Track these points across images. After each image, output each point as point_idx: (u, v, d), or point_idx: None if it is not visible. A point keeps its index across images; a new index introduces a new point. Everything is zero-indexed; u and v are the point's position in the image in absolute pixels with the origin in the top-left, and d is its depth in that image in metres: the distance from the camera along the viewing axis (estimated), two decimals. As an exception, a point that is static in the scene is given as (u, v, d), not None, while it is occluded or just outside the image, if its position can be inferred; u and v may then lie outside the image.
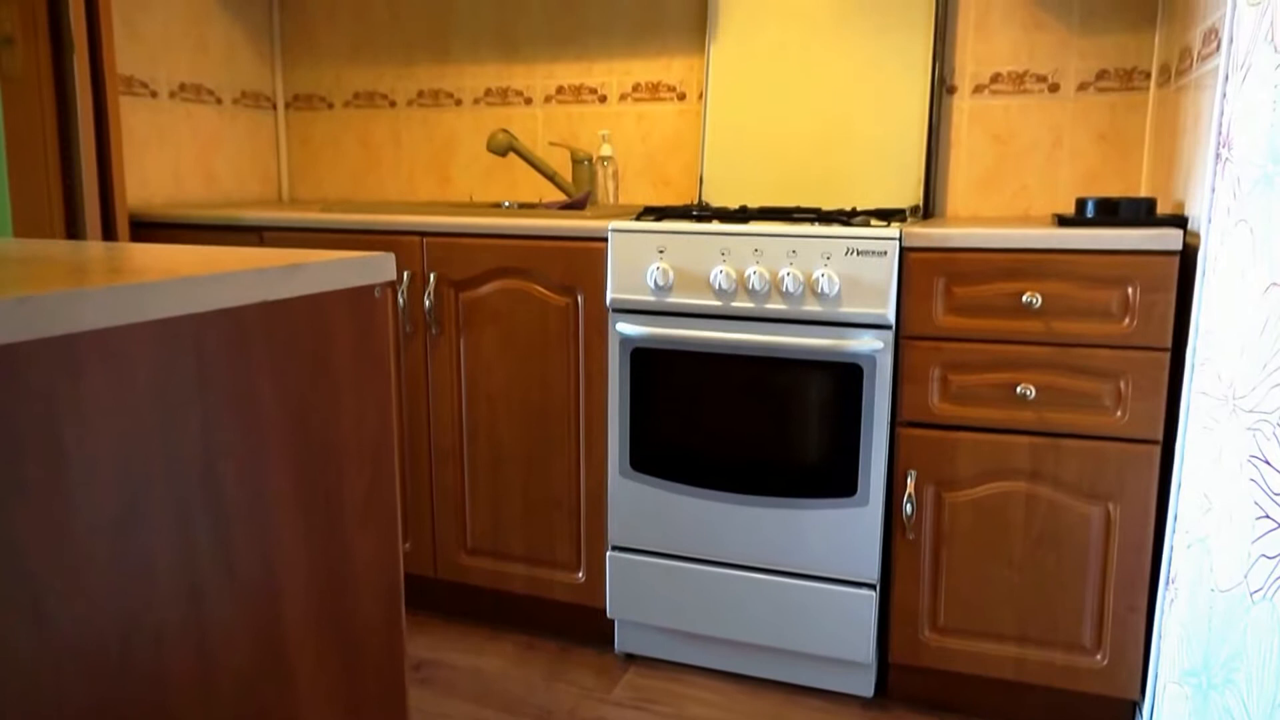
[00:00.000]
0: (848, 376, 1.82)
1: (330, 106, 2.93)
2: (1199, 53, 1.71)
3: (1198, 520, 1.47)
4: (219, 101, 2.77)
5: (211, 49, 2.74)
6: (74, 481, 0.74)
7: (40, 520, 0.71)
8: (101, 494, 0.76)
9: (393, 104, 2.85)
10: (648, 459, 1.99)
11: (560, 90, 2.65)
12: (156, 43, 2.56)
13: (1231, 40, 1.48)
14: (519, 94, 2.70)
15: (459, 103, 2.77)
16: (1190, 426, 1.55)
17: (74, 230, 2.31)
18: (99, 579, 0.77)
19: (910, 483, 1.82)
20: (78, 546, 0.74)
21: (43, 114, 2.26)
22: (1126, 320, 1.66)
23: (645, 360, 1.96)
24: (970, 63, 2.26)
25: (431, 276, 2.12)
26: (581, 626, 2.23)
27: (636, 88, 2.57)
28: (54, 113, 2.27)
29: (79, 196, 2.29)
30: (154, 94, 2.56)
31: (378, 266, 1.10)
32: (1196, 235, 1.59)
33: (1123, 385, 1.67)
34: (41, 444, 0.71)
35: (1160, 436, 1.67)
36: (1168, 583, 1.63)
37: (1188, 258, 1.64)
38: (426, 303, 2.13)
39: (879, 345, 1.77)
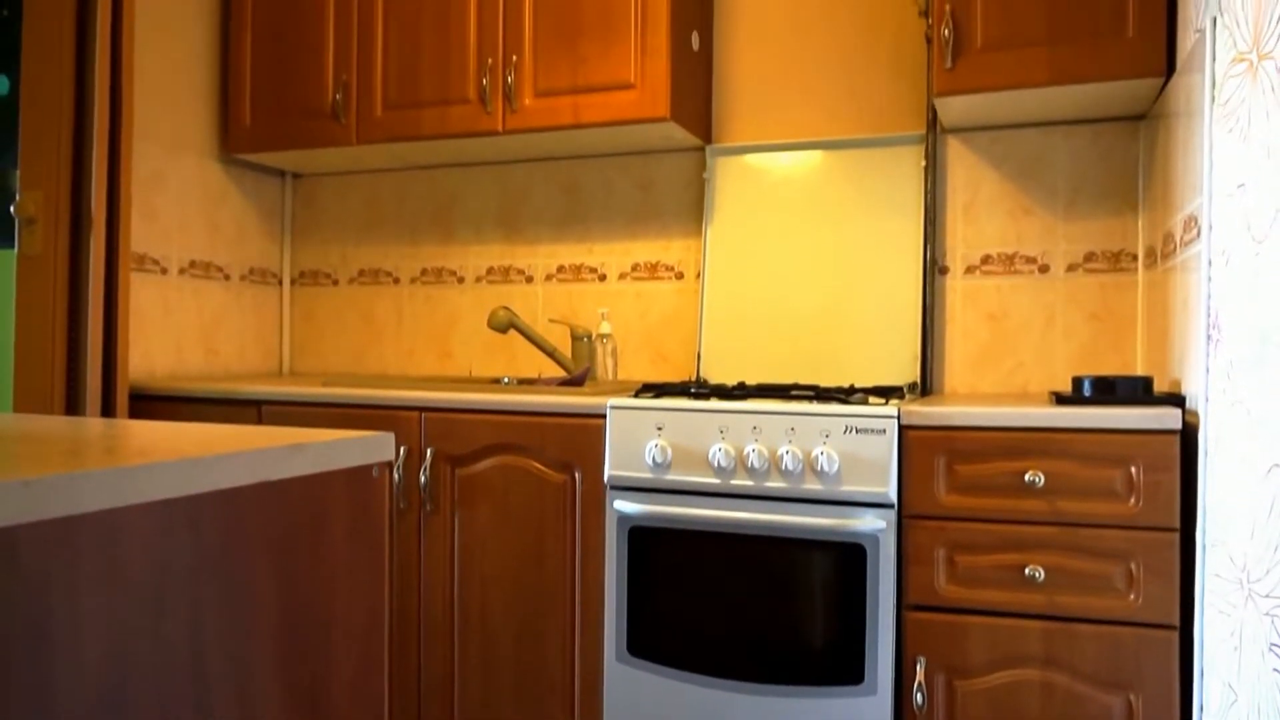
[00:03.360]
0: (851, 557, 1.78)
1: (335, 283, 3.00)
2: (1181, 238, 1.77)
3: (1224, 713, 1.41)
4: (226, 278, 2.84)
5: (223, 228, 2.83)
6: (60, 668, 0.70)
7: (24, 707, 0.67)
8: (86, 680, 0.73)
9: (396, 281, 2.92)
10: (646, 643, 1.92)
11: (561, 269, 2.72)
12: (171, 222, 2.65)
13: (1211, 227, 1.53)
14: (520, 272, 2.77)
15: (461, 280, 2.84)
16: (1207, 611, 1.51)
17: (73, 402, 2.31)
18: (66, 782, 0.71)
19: (920, 670, 1.75)
20: (49, 744, 0.70)
21: (55, 290, 2.30)
22: (1132, 500, 1.64)
23: (643, 539, 1.92)
24: (960, 245, 2.34)
25: (428, 452, 2.11)
26: (575, 826, 2.09)
27: (635, 267, 2.64)
28: (66, 289, 2.32)
29: (82, 370, 2.30)
30: (164, 270, 2.63)
31: (377, 446, 1.09)
32: (1195, 414, 1.59)
33: (1133, 567, 1.63)
34: (31, 629, 0.68)
35: (1177, 621, 1.62)
36: (1197, 781, 1.54)
37: (1189, 436, 1.63)
38: (422, 479, 2.11)
39: (881, 525, 1.75)
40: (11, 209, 2.32)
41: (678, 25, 2.31)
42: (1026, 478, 1.68)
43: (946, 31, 1.99)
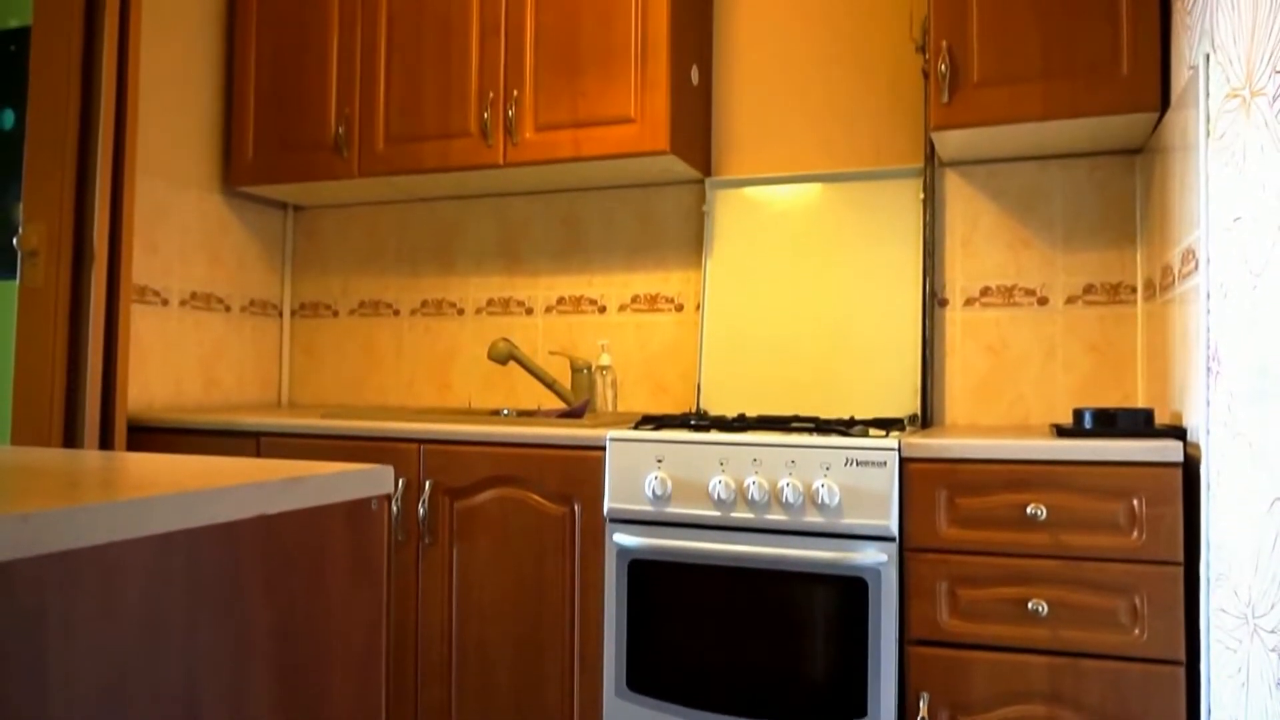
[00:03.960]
0: (852, 591, 1.76)
1: (335, 314, 3.00)
2: (1179, 271, 1.77)
3: (1230, 749, 1.39)
4: (227, 309, 2.84)
5: (225, 260, 2.84)
6: (55, 703, 0.69)
7: (8, 751, 0.66)
8: (81, 715, 0.72)
9: (396, 312, 2.92)
10: (646, 678, 1.90)
11: (561, 301, 2.73)
12: (172, 254, 2.66)
13: (1208, 260, 1.54)
14: (520, 304, 2.77)
15: (461, 312, 2.84)
16: (1212, 647, 1.50)
17: (71, 434, 2.31)
18: (57, 823, 0.70)
19: (923, 706, 1.73)
20: (39, 785, 0.69)
21: (55, 322, 2.31)
22: (1135, 533, 1.63)
23: (643, 573, 1.91)
24: (960, 276, 2.34)
25: (427, 484, 2.10)
26: None
27: (635, 299, 2.64)
28: (66, 321, 2.32)
29: (81, 401, 2.30)
30: (165, 302, 2.63)
31: (375, 479, 1.09)
32: (1197, 446, 1.59)
33: (1138, 601, 1.62)
34: (26, 665, 0.67)
35: (1183, 657, 1.60)
36: (1205, 819, 1.52)
37: (1191, 469, 1.63)
38: (421, 511, 2.10)
39: (883, 558, 1.73)
40: (14, 241, 2.33)
41: (677, 60, 2.33)
42: (1028, 510, 1.68)
43: (943, 67, 2.01)
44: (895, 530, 1.75)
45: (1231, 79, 1.42)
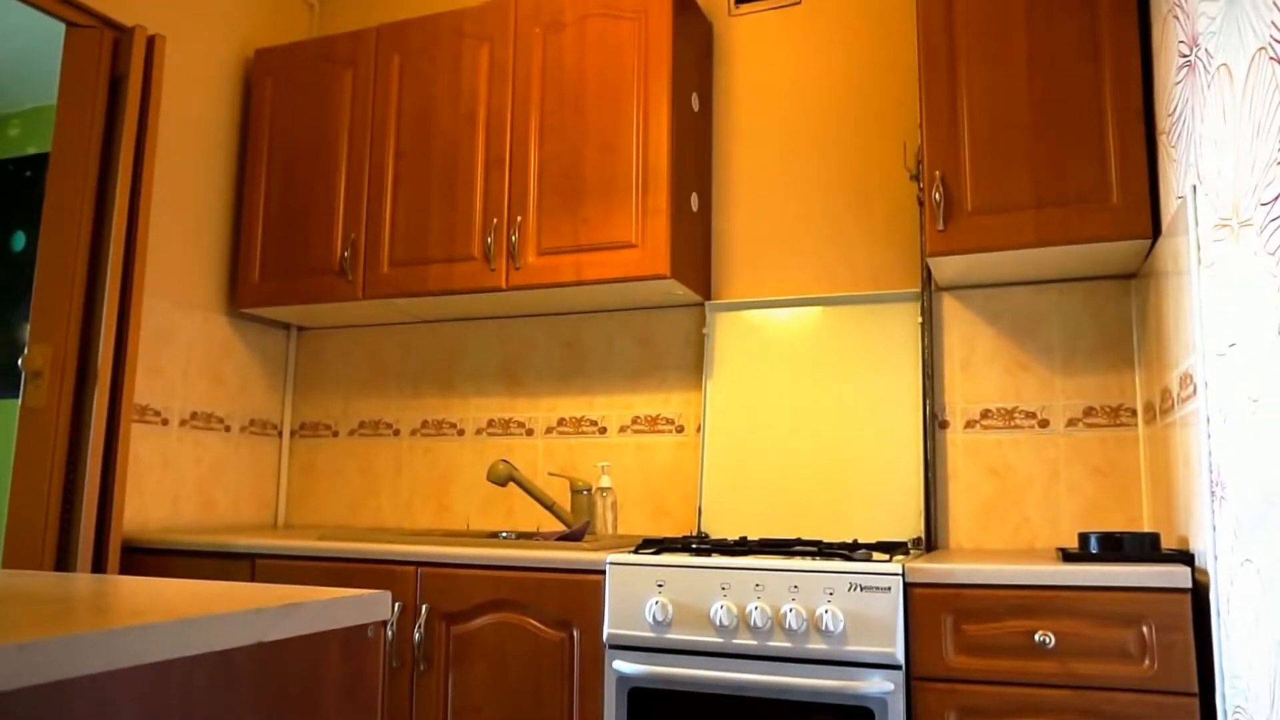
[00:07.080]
0: (860, 722, 1.71)
1: (335, 434, 3.00)
2: (1178, 395, 1.78)
3: None
4: (227, 429, 2.84)
5: (227, 380, 2.85)
6: None
7: None
8: None
9: (396, 432, 2.92)
10: (646, 815, 1.82)
11: (562, 422, 2.73)
12: (175, 376, 2.68)
13: (1206, 385, 1.55)
14: (521, 425, 2.77)
15: (461, 433, 2.84)
16: (1234, 783, 1.44)
17: (64, 554, 2.27)
18: None
19: (936, 847, 1.65)
20: None
21: (54, 442, 2.30)
22: (1146, 661, 1.59)
23: (644, 701, 1.85)
24: (960, 399, 2.35)
25: (424, 608, 2.06)
26: None
27: (636, 420, 2.65)
28: (65, 441, 2.32)
29: (76, 522, 2.27)
30: (165, 422, 2.63)
31: (372, 605, 1.07)
32: (1205, 572, 1.56)
33: (1154, 735, 1.57)
34: (-2, 809, 0.65)
35: (1203, 794, 1.54)
36: None
37: (1201, 595, 1.60)
38: (416, 636, 2.05)
39: (889, 687, 1.69)
40: (19, 362, 2.35)
41: (678, 187, 2.40)
42: (1036, 637, 1.64)
43: (937, 196, 2.07)
44: (901, 658, 1.70)
45: (1219, 209, 1.46)
